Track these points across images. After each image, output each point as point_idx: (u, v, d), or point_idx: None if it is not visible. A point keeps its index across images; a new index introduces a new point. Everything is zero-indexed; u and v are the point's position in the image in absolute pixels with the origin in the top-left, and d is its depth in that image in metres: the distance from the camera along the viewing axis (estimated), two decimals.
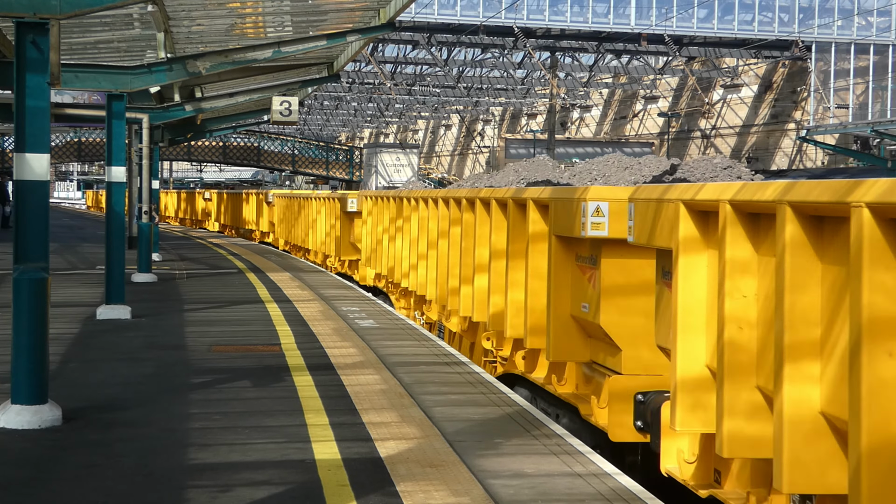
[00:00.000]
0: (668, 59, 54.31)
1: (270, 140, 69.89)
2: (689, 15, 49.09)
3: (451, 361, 10.63)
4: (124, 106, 14.84)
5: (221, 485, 6.09)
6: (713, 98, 59.63)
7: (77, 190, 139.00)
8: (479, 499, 5.87)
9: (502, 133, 75.61)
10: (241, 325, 13.50)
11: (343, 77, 54.64)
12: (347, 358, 10.74)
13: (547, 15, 49.08)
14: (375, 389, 9.03)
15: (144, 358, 10.78)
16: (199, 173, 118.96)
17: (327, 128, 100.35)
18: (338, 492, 5.95)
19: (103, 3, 8.45)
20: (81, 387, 9.12)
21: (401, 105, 74.69)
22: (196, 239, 38.45)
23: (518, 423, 7.76)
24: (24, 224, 7.77)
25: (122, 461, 6.62)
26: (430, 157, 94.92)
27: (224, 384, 9.29)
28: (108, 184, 14.79)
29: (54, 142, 62.18)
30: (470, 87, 63.09)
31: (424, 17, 47.44)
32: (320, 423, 7.64)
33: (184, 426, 7.63)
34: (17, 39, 7.76)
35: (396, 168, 59.18)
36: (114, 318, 13.78)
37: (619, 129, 69.08)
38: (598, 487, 6.14)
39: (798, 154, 52.91)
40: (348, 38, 15.35)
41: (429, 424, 7.68)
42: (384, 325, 13.55)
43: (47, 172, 7.83)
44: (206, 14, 14.83)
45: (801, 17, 50.41)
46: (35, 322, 7.69)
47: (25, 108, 7.71)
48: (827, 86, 51.31)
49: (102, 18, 13.92)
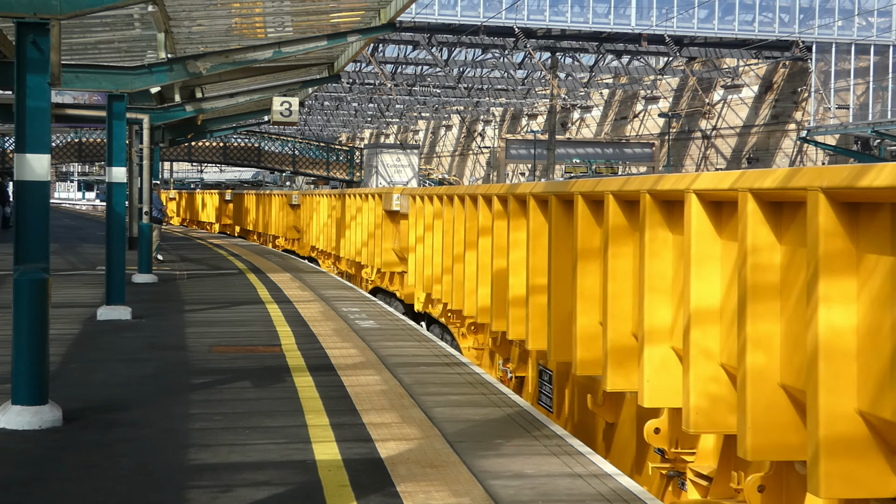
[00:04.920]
0: (669, 59, 54.31)
1: (271, 140, 69.90)
2: (689, 15, 49.09)
3: (452, 362, 10.63)
4: (125, 106, 14.84)
5: (222, 485, 6.09)
6: (714, 98, 59.62)
7: (77, 190, 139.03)
8: (479, 499, 5.87)
9: (503, 133, 75.60)
10: (242, 325, 13.50)
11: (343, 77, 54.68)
12: (348, 359, 10.74)
13: (547, 15, 49.08)
14: (376, 390, 9.02)
15: (145, 358, 10.77)
16: (199, 174, 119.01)
17: (328, 128, 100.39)
18: (338, 492, 5.95)
19: (104, 4, 8.45)
20: (82, 387, 9.12)
21: (401, 105, 74.72)
22: (196, 239, 38.45)
23: (518, 424, 7.76)
24: (24, 224, 7.77)
25: (123, 461, 6.62)
26: (430, 157, 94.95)
27: (224, 385, 9.29)
28: (109, 184, 14.79)
29: (55, 142, 62.19)
30: (470, 88, 63.11)
31: (425, 17, 47.44)
32: (321, 424, 7.64)
33: (184, 426, 7.62)
34: (18, 40, 7.76)
35: (397, 168, 59.15)
36: (114, 318, 13.78)
37: (619, 129, 69.07)
38: (599, 488, 6.14)
39: (798, 154, 52.89)
40: (349, 39, 15.35)
41: (429, 425, 7.68)
42: (384, 325, 13.55)
43: (48, 173, 7.82)
44: (207, 14, 14.83)
45: (802, 17, 50.41)
46: (35, 323, 7.69)
47: (26, 108, 7.71)
48: (827, 86, 51.29)
49: (103, 19, 13.92)
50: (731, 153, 58.03)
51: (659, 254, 6.64)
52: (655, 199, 6.69)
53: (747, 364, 5.33)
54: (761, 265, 5.33)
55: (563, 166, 61.57)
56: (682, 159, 62.02)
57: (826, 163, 50.56)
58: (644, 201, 6.70)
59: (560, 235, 8.55)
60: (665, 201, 6.68)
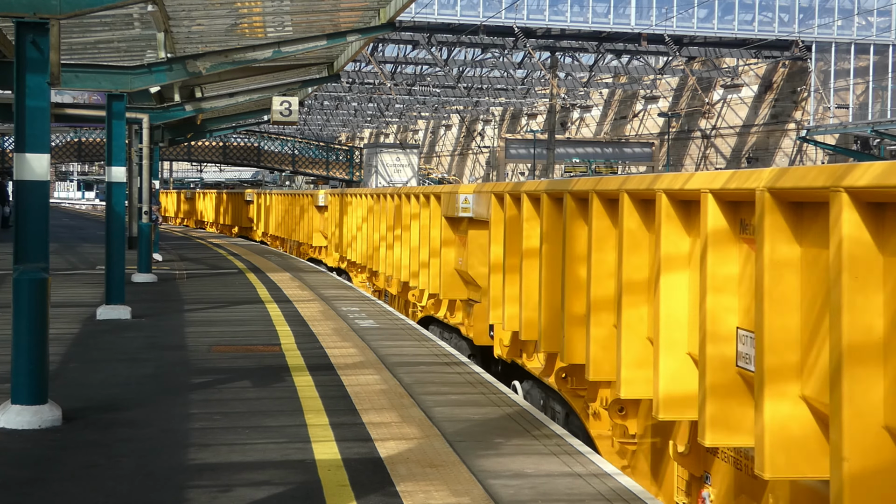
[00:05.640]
0: (669, 59, 54.31)
1: (270, 140, 69.90)
2: (689, 15, 49.09)
3: (451, 361, 10.63)
4: (124, 106, 14.84)
5: (222, 485, 6.09)
6: (713, 98, 59.62)
7: (77, 190, 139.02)
8: (479, 499, 5.87)
9: (502, 133, 75.60)
10: (242, 325, 13.50)
11: (343, 77, 54.65)
12: (347, 358, 10.74)
13: (547, 15, 49.08)
14: (375, 389, 9.02)
15: (144, 358, 10.77)
16: (199, 173, 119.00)
17: (327, 128, 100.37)
18: (338, 492, 5.95)
19: (103, 3, 8.45)
20: (81, 387, 9.11)
21: (401, 105, 74.71)
22: (196, 239, 38.45)
23: (518, 424, 7.76)
24: (24, 224, 7.77)
25: (123, 461, 6.62)
26: (430, 157, 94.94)
27: (224, 384, 9.29)
28: (108, 184, 14.79)
29: (54, 142, 62.17)
30: (470, 87, 63.10)
31: (424, 17, 47.44)
32: (320, 424, 7.64)
33: (184, 426, 7.63)
34: (17, 39, 7.76)
35: (396, 168, 59.17)
36: (114, 318, 13.78)
37: (619, 129, 69.08)
38: (598, 487, 6.14)
39: (798, 154, 52.90)
40: (348, 38, 15.35)
41: (429, 424, 7.68)
42: (384, 325, 13.55)
43: (47, 172, 7.82)
44: (207, 14, 14.82)
45: (801, 17, 50.41)
46: (35, 322, 7.69)
47: (25, 108, 7.71)
48: (827, 86, 51.30)
49: (102, 18, 13.91)
50: (731, 153, 58.04)
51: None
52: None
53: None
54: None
55: (563, 166, 61.58)
56: (681, 159, 62.04)
57: (826, 162, 50.57)
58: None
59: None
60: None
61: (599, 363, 7.42)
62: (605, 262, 7.48)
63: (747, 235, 5.65)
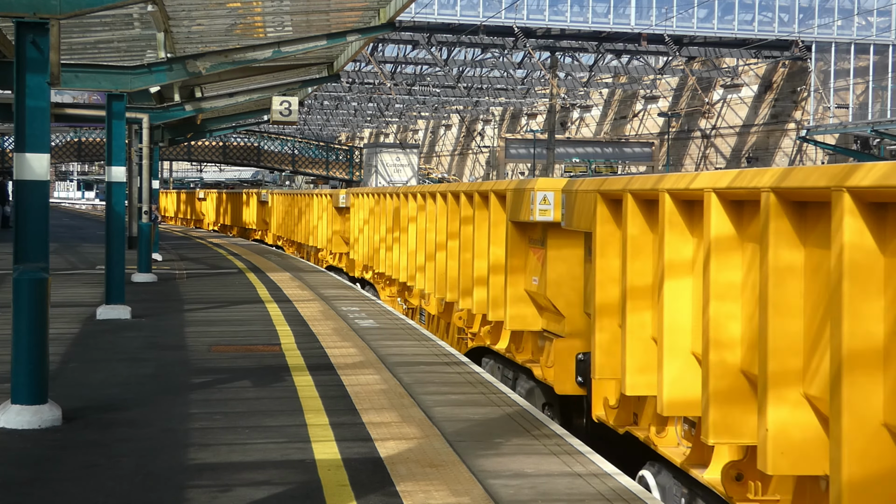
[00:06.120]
0: (668, 59, 54.30)
1: (270, 140, 69.88)
2: (689, 15, 49.08)
3: (451, 361, 10.63)
4: (124, 106, 14.84)
5: (222, 485, 6.09)
6: (713, 98, 59.61)
7: (77, 190, 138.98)
8: (479, 499, 5.87)
9: (502, 133, 75.60)
10: (241, 325, 13.50)
11: (343, 77, 54.62)
12: (347, 358, 10.73)
13: (547, 15, 49.07)
14: (375, 389, 9.02)
15: (144, 358, 10.77)
16: (199, 173, 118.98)
17: (327, 128, 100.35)
18: (338, 492, 5.95)
19: (103, 3, 8.45)
20: (81, 387, 9.12)
21: (401, 105, 74.69)
22: (196, 238, 38.43)
23: (518, 423, 7.75)
24: (24, 224, 7.77)
25: (122, 461, 6.62)
26: (430, 157, 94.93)
27: (224, 384, 9.29)
28: (108, 184, 14.79)
29: (54, 142, 62.14)
30: (470, 87, 63.08)
31: (424, 17, 47.43)
32: (320, 423, 7.64)
33: (184, 426, 7.63)
34: (17, 39, 7.76)
35: (396, 168, 59.16)
36: (114, 318, 13.78)
37: (619, 129, 69.07)
38: (598, 487, 6.14)
39: (798, 154, 52.90)
40: (348, 38, 15.35)
41: (429, 424, 7.68)
42: (384, 325, 13.55)
43: (47, 172, 7.83)
44: (206, 14, 14.83)
45: (801, 17, 50.40)
46: (35, 322, 7.69)
47: (25, 108, 7.71)
48: (827, 86, 51.29)
49: (102, 18, 13.91)
50: (731, 153, 58.03)
51: None
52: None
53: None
54: None
55: (563, 165, 61.57)
56: (681, 159, 62.03)
57: (825, 162, 50.57)
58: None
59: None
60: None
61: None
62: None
63: None
